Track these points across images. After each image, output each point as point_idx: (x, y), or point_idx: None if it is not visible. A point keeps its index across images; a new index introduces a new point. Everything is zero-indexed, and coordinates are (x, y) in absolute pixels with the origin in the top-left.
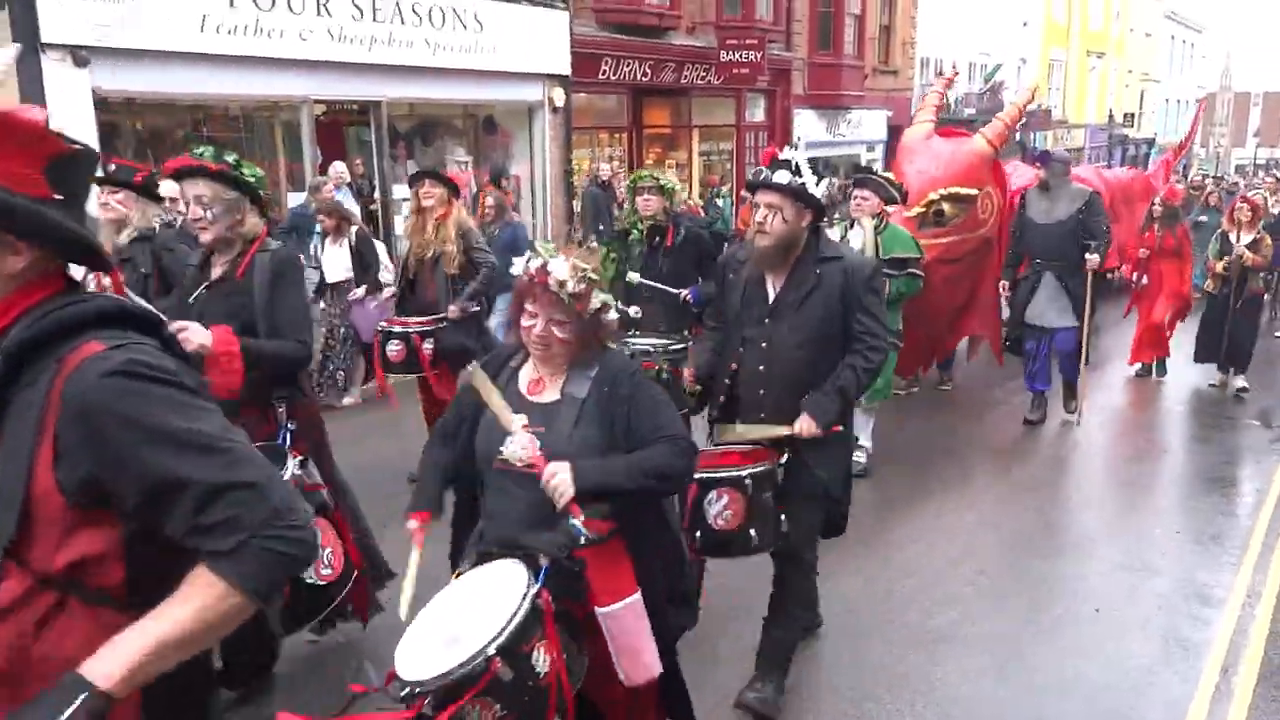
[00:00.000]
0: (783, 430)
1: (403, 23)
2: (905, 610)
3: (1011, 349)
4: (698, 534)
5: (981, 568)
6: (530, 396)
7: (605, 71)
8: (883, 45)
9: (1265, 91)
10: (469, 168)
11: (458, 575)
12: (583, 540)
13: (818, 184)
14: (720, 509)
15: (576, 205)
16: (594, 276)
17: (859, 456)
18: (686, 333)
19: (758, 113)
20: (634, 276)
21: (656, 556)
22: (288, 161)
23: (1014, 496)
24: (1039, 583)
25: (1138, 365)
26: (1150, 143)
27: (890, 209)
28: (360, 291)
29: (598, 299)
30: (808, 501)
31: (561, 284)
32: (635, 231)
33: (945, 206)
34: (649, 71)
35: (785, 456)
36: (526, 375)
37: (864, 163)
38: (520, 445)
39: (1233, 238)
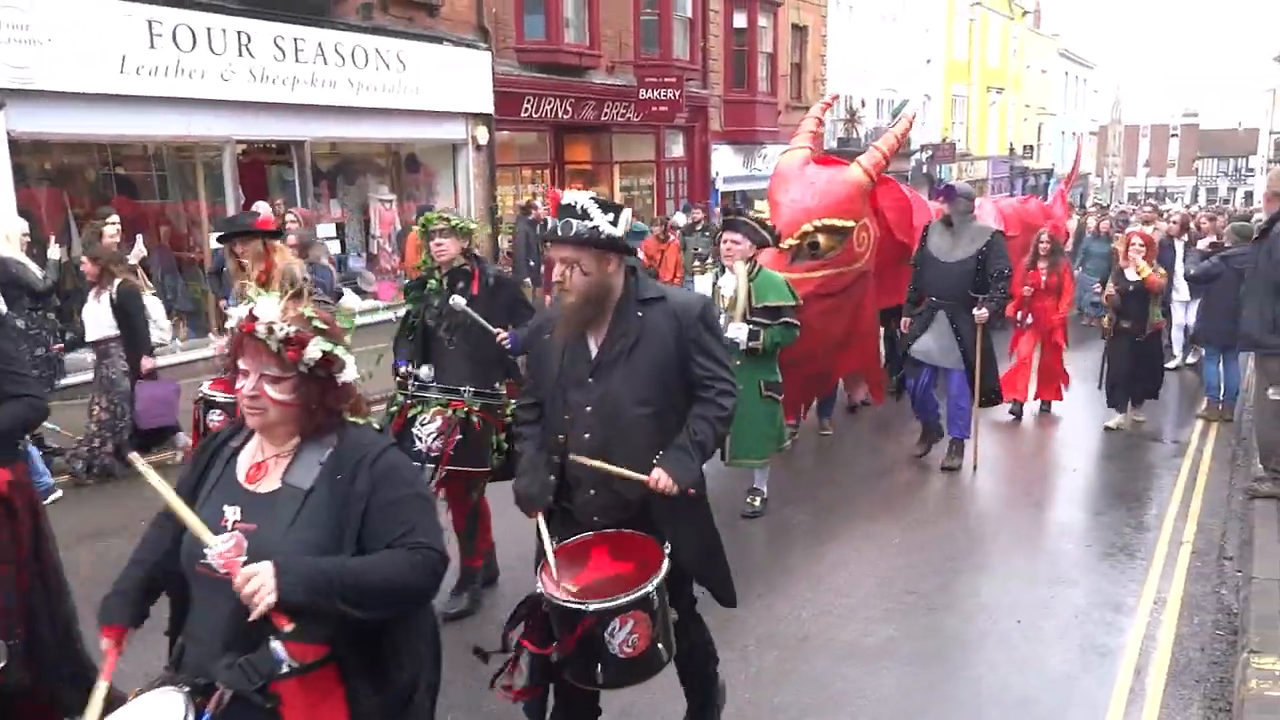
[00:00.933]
0: (638, 476)
1: (325, 63)
2: (843, 628)
3: (896, 390)
4: (598, 668)
5: (910, 588)
6: (248, 485)
7: (527, 109)
8: (795, 82)
9: (1153, 124)
10: (393, 205)
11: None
12: (284, 669)
13: (615, 220)
14: (625, 636)
15: (504, 242)
16: (320, 324)
17: (754, 500)
18: (498, 386)
19: (676, 148)
20: (458, 300)
21: (384, 692)
22: (209, 201)
23: (933, 521)
24: (964, 599)
25: (1010, 404)
26: (1049, 173)
27: (764, 253)
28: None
29: (318, 348)
30: (682, 585)
31: (269, 328)
32: (433, 280)
33: (820, 238)
34: (570, 109)
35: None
36: (248, 457)
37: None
38: (220, 548)
39: (1128, 273)
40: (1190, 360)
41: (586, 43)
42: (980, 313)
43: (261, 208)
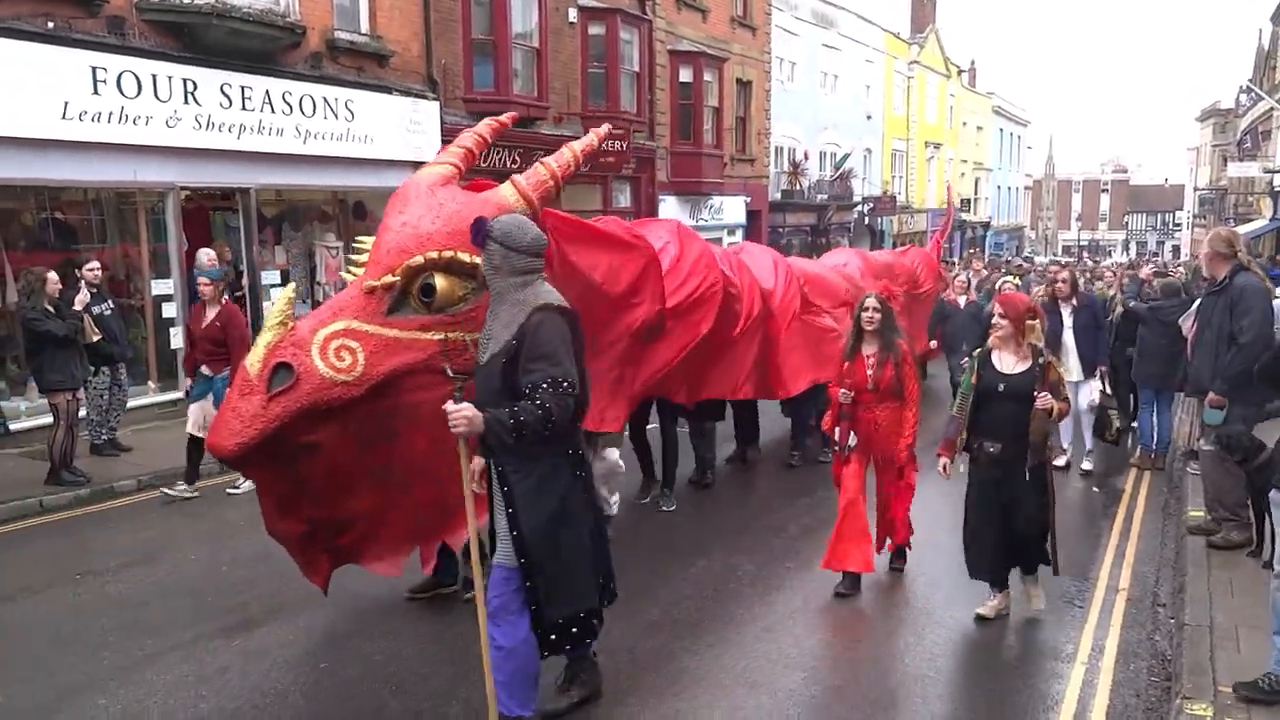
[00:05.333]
0: None
1: (273, 111)
2: (788, 676)
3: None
4: None
5: (855, 638)
6: None
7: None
8: (740, 135)
9: (1084, 179)
10: (339, 253)
11: None
12: None
13: None
14: None
15: None
16: None
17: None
18: None
19: (623, 199)
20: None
21: None
22: (151, 246)
23: (876, 573)
24: (909, 650)
25: (840, 577)
26: (986, 226)
27: None
28: None
29: None
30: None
31: None
32: None
33: (438, 280)
34: (519, 159)
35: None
36: None
37: (724, 245)
38: None
39: (997, 362)
40: (1086, 467)
41: (535, 94)
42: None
43: (205, 254)
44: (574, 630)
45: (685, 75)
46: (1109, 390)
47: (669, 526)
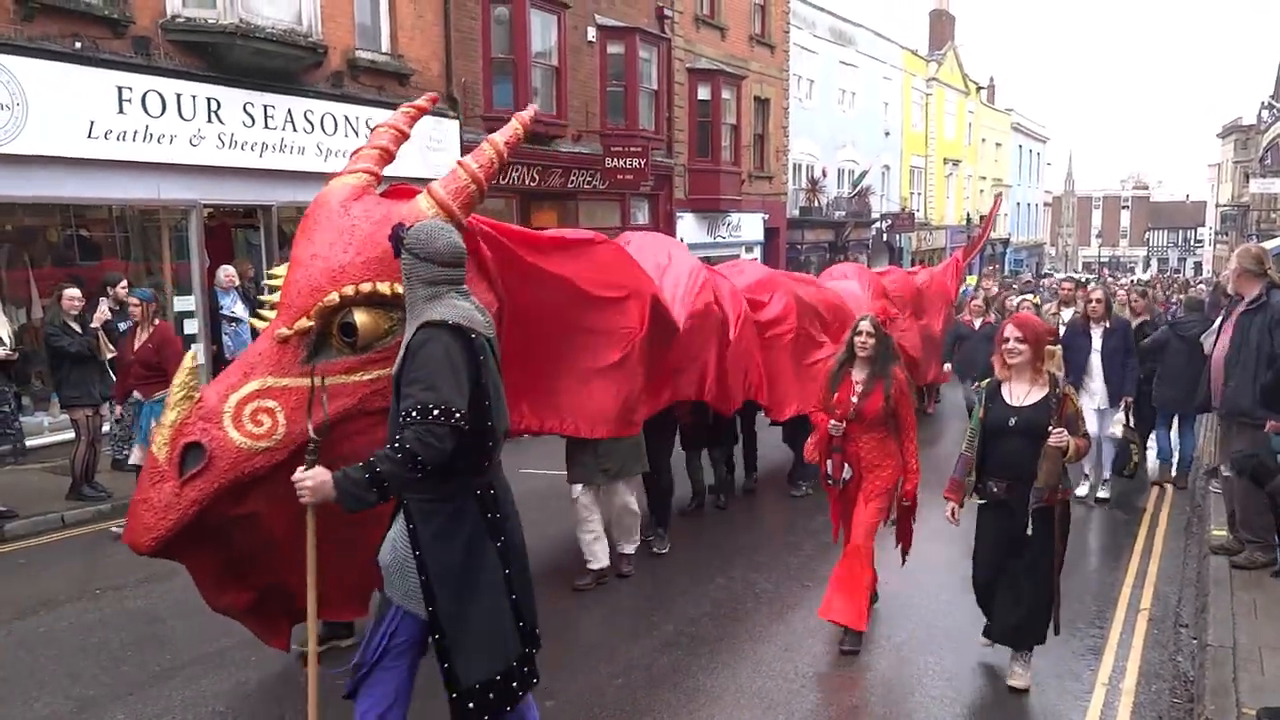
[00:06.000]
0: None
1: (295, 129)
2: (804, 697)
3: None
4: None
5: (873, 659)
6: None
7: (495, 176)
8: (758, 152)
9: (1105, 195)
10: None
11: None
12: None
13: None
14: None
15: None
16: None
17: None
18: None
19: (641, 216)
20: None
21: None
22: (173, 263)
23: (894, 593)
24: (927, 672)
25: (842, 632)
26: (1006, 243)
27: None
28: None
29: None
30: None
31: None
32: None
33: (357, 316)
34: (537, 177)
35: None
36: None
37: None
38: None
39: (1007, 394)
40: (1102, 495)
41: (554, 112)
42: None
43: (224, 271)
44: (492, 696)
45: (703, 93)
46: (1132, 423)
47: (686, 543)
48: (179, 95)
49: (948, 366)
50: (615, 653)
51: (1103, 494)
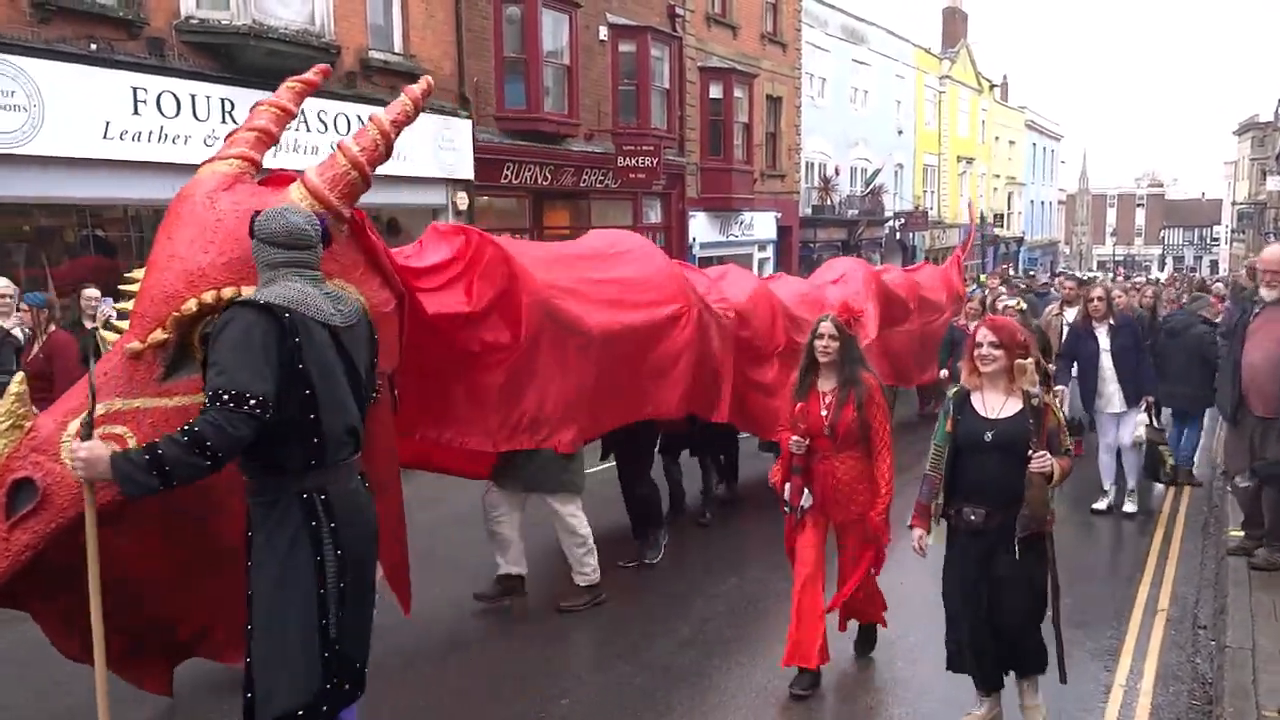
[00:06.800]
0: None
1: (308, 129)
2: (819, 703)
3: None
4: None
5: (891, 660)
6: None
7: (507, 176)
8: (770, 151)
9: (1119, 193)
10: None
11: None
12: None
13: None
14: None
15: None
16: None
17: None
18: None
19: (654, 214)
20: None
21: None
22: None
23: (909, 596)
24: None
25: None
26: (1020, 241)
27: None
28: None
29: None
30: None
31: None
32: None
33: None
34: (549, 176)
35: None
36: None
37: (756, 261)
38: None
39: (979, 404)
40: (1129, 509)
41: (566, 111)
42: None
43: None
44: None
45: (715, 91)
46: (1156, 423)
47: (701, 542)
48: (193, 96)
49: (944, 372)
50: (633, 652)
51: (1129, 508)
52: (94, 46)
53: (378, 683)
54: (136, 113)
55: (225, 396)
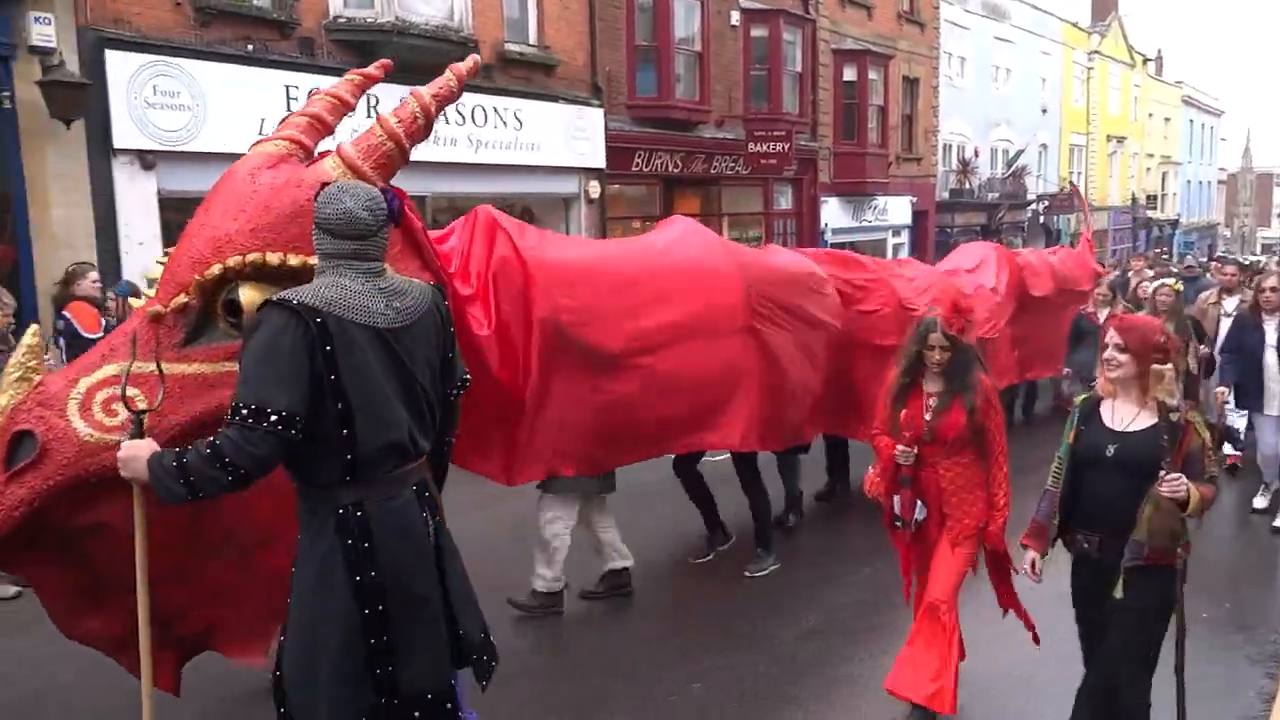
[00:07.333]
0: None
1: (447, 122)
2: None
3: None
4: None
5: (1034, 656)
6: None
7: (638, 164)
8: (906, 133)
9: None
10: None
11: None
12: None
13: None
14: None
15: None
16: None
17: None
18: None
19: (785, 200)
20: None
21: None
22: None
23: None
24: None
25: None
26: (1174, 224)
27: None
28: None
29: None
30: None
31: None
32: None
33: (242, 292)
34: (680, 163)
35: None
36: None
37: (890, 247)
38: None
39: (1108, 415)
40: None
41: (697, 98)
42: None
43: None
44: None
45: (849, 74)
46: None
47: (835, 529)
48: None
49: (1067, 369)
50: (760, 640)
51: None
52: (250, 47)
53: (503, 670)
54: (289, 109)
55: (245, 411)
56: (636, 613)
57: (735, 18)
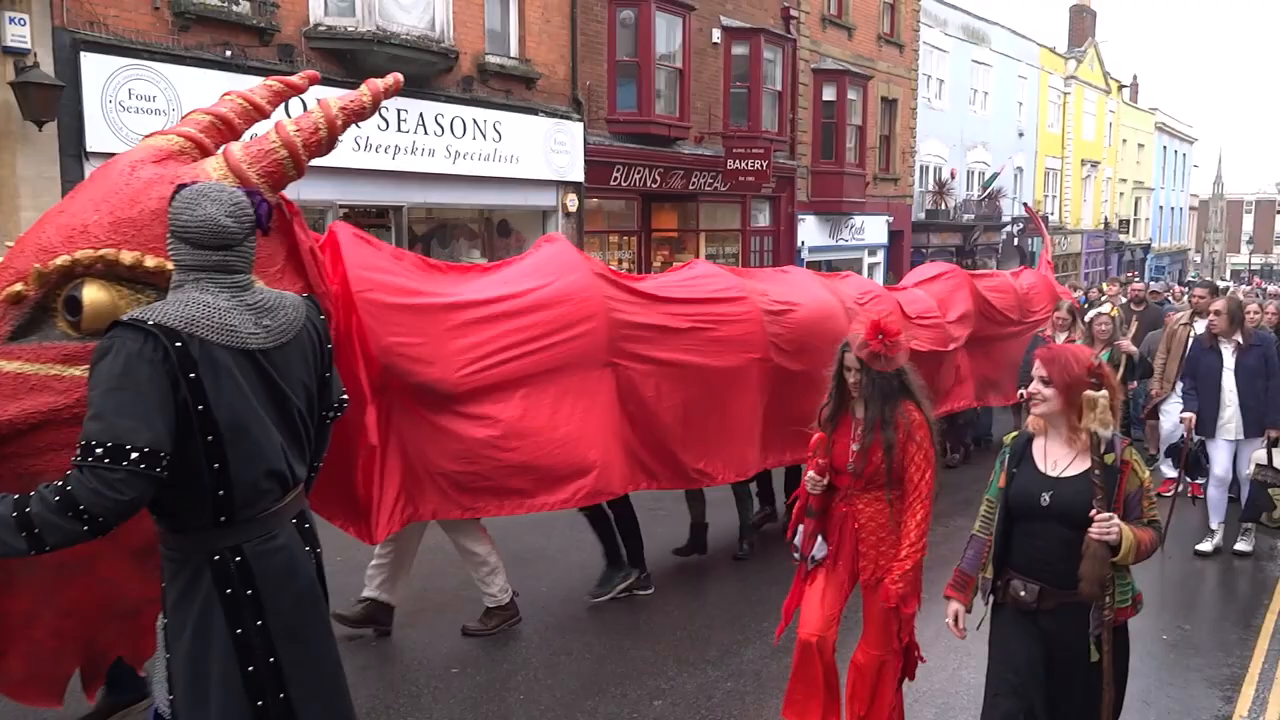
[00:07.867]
0: None
1: (426, 132)
2: None
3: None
4: None
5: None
6: None
7: (617, 178)
8: (883, 154)
9: (1258, 199)
10: None
11: None
12: None
13: None
14: None
15: None
16: None
17: None
18: None
19: (762, 218)
20: None
21: None
22: None
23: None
24: None
25: None
26: (1146, 249)
27: None
28: None
29: None
30: None
31: None
32: None
33: (85, 290)
34: (658, 178)
35: None
36: None
37: (866, 266)
38: None
39: (1040, 457)
40: (1242, 548)
41: (676, 114)
42: None
43: None
44: None
45: (829, 94)
46: (1275, 462)
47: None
48: (319, 100)
49: (1022, 391)
50: (724, 658)
51: (1242, 546)
52: (229, 53)
53: (470, 687)
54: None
55: (99, 450)
56: (599, 629)
57: (716, 35)
